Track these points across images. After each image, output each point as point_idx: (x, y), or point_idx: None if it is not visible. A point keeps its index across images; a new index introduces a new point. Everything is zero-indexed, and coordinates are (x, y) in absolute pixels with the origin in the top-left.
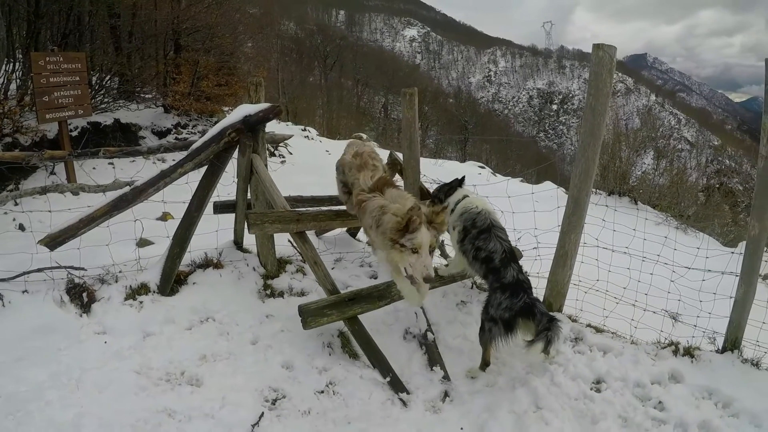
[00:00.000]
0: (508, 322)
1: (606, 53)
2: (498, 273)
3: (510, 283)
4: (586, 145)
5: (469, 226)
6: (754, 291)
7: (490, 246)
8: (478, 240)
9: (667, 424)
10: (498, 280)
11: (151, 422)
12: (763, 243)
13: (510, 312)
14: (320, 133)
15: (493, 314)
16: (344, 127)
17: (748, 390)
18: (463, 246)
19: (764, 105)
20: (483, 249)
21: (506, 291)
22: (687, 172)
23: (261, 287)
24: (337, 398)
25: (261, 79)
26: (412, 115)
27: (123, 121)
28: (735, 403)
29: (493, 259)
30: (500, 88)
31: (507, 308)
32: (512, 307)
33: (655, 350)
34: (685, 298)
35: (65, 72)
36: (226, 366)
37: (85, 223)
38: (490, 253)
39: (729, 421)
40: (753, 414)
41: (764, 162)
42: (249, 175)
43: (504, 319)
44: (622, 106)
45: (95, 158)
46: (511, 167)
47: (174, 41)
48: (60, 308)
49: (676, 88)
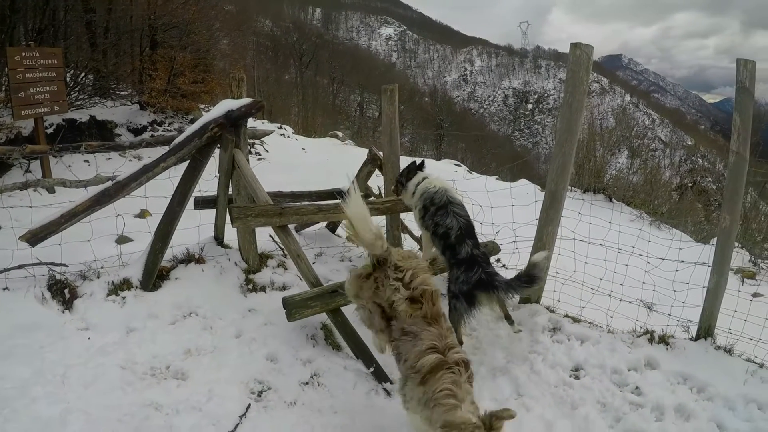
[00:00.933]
0: (467, 294)
1: (583, 52)
2: (453, 249)
3: (465, 258)
4: (563, 141)
5: (428, 204)
6: (726, 280)
7: (447, 222)
8: (436, 216)
9: (644, 408)
10: (454, 256)
11: (138, 416)
12: (734, 234)
13: (467, 285)
14: (296, 131)
15: (454, 290)
16: (320, 126)
17: (722, 375)
18: (425, 222)
19: (735, 103)
20: (441, 225)
21: (462, 266)
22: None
23: (243, 282)
24: (322, 389)
25: (243, 74)
26: (392, 111)
27: (99, 118)
28: (709, 388)
29: (449, 236)
30: (476, 87)
31: (464, 282)
32: (469, 281)
33: (631, 338)
34: (659, 288)
35: (41, 68)
36: (211, 360)
37: (66, 218)
38: (447, 230)
39: (704, 405)
40: (727, 398)
41: (734, 157)
42: (231, 170)
43: (463, 292)
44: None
45: (72, 155)
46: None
47: (150, 37)
48: (42, 305)
49: (651, 88)
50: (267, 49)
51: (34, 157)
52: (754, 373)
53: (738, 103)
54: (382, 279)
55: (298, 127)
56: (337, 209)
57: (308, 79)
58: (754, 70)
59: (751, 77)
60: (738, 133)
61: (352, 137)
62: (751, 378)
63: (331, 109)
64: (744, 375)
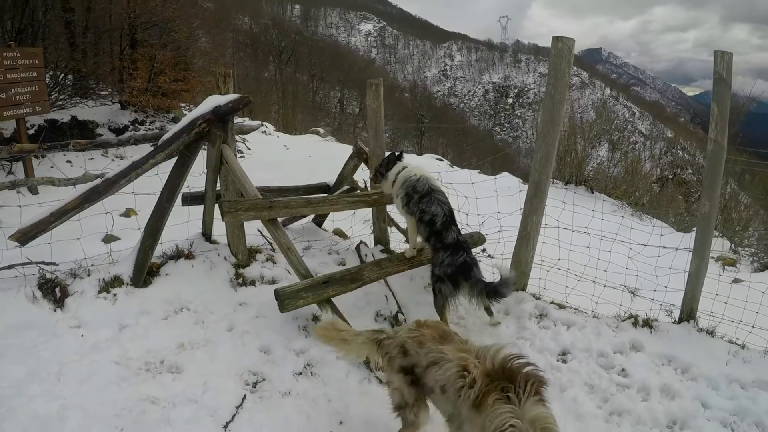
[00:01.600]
0: (452, 277)
1: (565, 45)
2: (440, 235)
3: (451, 243)
4: (546, 132)
5: (410, 192)
6: (707, 265)
7: (432, 209)
8: (421, 203)
9: (630, 389)
10: (440, 241)
11: (135, 410)
12: (714, 219)
13: (452, 267)
14: (277, 129)
15: (438, 273)
16: (300, 123)
17: (705, 356)
18: (410, 208)
19: (713, 94)
20: (426, 212)
21: (447, 250)
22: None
23: (233, 276)
24: (316, 379)
25: (229, 71)
26: (377, 106)
27: (80, 118)
28: (693, 369)
29: (435, 222)
30: (456, 82)
31: (449, 264)
32: (453, 263)
33: (615, 323)
34: (642, 274)
35: (22, 68)
36: (204, 353)
37: (56, 216)
38: (433, 216)
39: (688, 385)
40: (710, 378)
41: (713, 145)
42: (219, 166)
43: (448, 275)
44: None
45: (54, 156)
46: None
47: (130, 36)
48: (33, 304)
49: (631, 81)
50: (246, 47)
51: (17, 158)
52: (736, 353)
53: (716, 94)
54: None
55: (278, 125)
56: (325, 202)
57: (288, 76)
58: (731, 61)
59: (728, 68)
60: (716, 122)
61: (333, 133)
62: (733, 358)
63: (311, 105)
64: (726, 356)
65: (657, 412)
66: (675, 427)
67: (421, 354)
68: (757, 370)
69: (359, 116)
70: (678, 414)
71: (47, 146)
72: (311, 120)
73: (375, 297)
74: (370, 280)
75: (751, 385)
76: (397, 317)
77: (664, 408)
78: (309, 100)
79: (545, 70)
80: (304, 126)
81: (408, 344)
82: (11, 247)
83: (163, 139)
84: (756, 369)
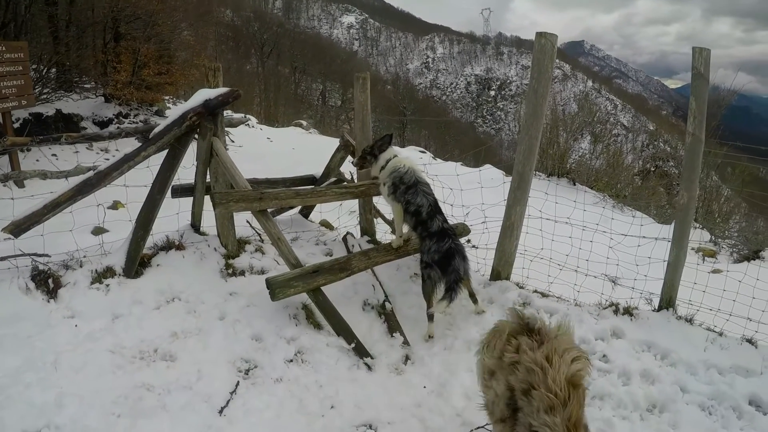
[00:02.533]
0: (440, 262)
1: (548, 41)
2: (425, 224)
3: (436, 231)
4: (530, 124)
5: (397, 182)
6: (685, 254)
7: (418, 200)
8: (407, 194)
9: (612, 374)
10: (426, 230)
11: (131, 397)
12: (692, 210)
13: (439, 254)
14: (259, 121)
15: (427, 260)
16: (282, 115)
17: (684, 343)
18: (396, 197)
19: (691, 88)
20: (412, 203)
21: (433, 237)
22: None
23: (223, 267)
24: (307, 365)
25: (219, 64)
26: (364, 98)
27: (65, 111)
28: (672, 354)
29: (421, 213)
30: (438, 74)
31: (436, 251)
32: (440, 250)
33: (597, 311)
34: (622, 263)
35: (7, 62)
36: (197, 341)
37: (49, 208)
38: (419, 207)
39: (668, 370)
40: (689, 364)
41: (691, 138)
42: (209, 158)
43: (436, 261)
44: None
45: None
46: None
47: (114, 29)
48: (26, 295)
49: (613, 74)
50: (228, 39)
51: (3, 152)
52: (714, 340)
53: (694, 88)
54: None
55: (261, 117)
56: (313, 193)
57: (270, 69)
58: (708, 57)
59: (706, 64)
60: (694, 116)
61: (315, 126)
62: (711, 345)
63: (293, 98)
64: (704, 342)
65: (637, 395)
66: (655, 410)
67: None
68: (734, 356)
69: (341, 109)
70: (658, 398)
71: (39, 139)
72: (293, 112)
73: (363, 286)
74: (358, 269)
75: (729, 370)
76: (384, 306)
77: (644, 392)
78: (291, 93)
79: (528, 62)
80: (286, 118)
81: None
82: (2, 238)
83: (155, 132)
84: (733, 355)
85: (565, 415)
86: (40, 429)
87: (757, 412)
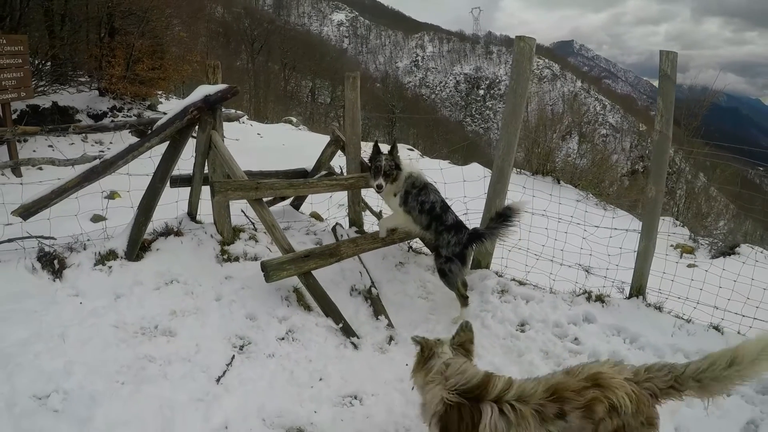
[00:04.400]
0: (461, 254)
1: (527, 44)
2: (440, 218)
3: (452, 224)
4: (509, 123)
5: (409, 188)
6: (654, 244)
7: (431, 198)
8: (420, 196)
9: (582, 354)
10: (442, 224)
11: (134, 367)
12: (660, 203)
13: (460, 246)
14: (249, 118)
15: (447, 254)
16: (272, 112)
17: (652, 328)
18: (408, 206)
19: (658, 89)
20: (426, 202)
21: (451, 230)
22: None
23: (218, 252)
24: (297, 343)
25: (218, 62)
26: (354, 97)
27: (60, 104)
28: (641, 338)
29: (435, 208)
30: (427, 72)
31: (456, 243)
32: (461, 242)
33: (571, 298)
34: (595, 253)
35: (8, 54)
36: (195, 320)
37: (57, 194)
38: (432, 204)
39: (636, 353)
40: (656, 347)
41: (658, 136)
42: (207, 150)
43: (457, 253)
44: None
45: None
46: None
47: (109, 24)
48: (32, 275)
49: (602, 74)
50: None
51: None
52: (681, 326)
53: (661, 89)
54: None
55: (250, 114)
56: (306, 184)
57: (260, 66)
58: (675, 60)
59: (673, 66)
60: (661, 115)
61: (305, 123)
62: (678, 331)
63: (282, 95)
64: (672, 328)
65: None
66: None
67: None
68: (701, 342)
69: (330, 106)
70: None
71: (49, 128)
72: (283, 109)
73: (350, 273)
74: (347, 255)
75: (695, 354)
76: (371, 291)
77: None
78: (281, 90)
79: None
80: (275, 115)
81: None
82: (13, 221)
83: (158, 124)
84: (699, 341)
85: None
86: (49, 393)
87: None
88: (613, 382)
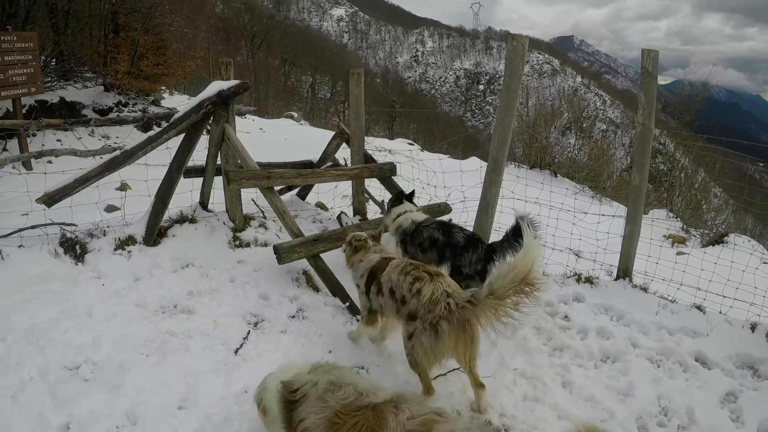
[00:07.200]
0: (482, 272)
1: (519, 43)
2: (449, 246)
3: (465, 243)
4: (503, 116)
5: (404, 237)
6: (639, 229)
7: (424, 234)
8: (416, 239)
9: (571, 330)
10: (456, 247)
11: (158, 341)
12: (644, 191)
13: (481, 263)
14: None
15: (469, 272)
16: (272, 107)
17: (637, 307)
18: (409, 252)
19: (641, 84)
20: (425, 239)
21: (469, 249)
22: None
23: (231, 239)
24: (307, 321)
25: (230, 59)
26: (358, 92)
27: (67, 99)
28: (627, 316)
29: (437, 241)
30: (427, 68)
31: (477, 261)
32: (480, 258)
33: (561, 279)
34: (585, 238)
35: (18, 51)
36: (211, 299)
37: (79, 182)
38: (433, 239)
39: (621, 329)
40: (641, 324)
41: (641, 127)
42: (221, 142)
43: (479, 271)
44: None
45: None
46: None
47: (113, 21)
48: (55, 259)
49: (602, 70)
50: (219, 31)
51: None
52: (665, 306)
53: (643, 84)
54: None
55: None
56: (314, 174)
57: (260, 61)
58: (657, 58)
59: (654, 64)
60: (643, 108)
61: (305, 118)
62: (663, 310)
63: (283, 90)
64: (657, 307)
65: (593, 348)
66: (608, 361)
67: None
68: (683, 320)
69: (331, 101)
70: (611, 350)
71: (71, 121)
72: (283, 104)
73: None
74: None
75: (677, 331)
76: None
77: (599, 345)
78: (281, 85)
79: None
80: (276, 110)
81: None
82: (36, 209)
83: (175, 117)
84: (682, 319)
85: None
86: (80, 365)
87: (702, 367)
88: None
